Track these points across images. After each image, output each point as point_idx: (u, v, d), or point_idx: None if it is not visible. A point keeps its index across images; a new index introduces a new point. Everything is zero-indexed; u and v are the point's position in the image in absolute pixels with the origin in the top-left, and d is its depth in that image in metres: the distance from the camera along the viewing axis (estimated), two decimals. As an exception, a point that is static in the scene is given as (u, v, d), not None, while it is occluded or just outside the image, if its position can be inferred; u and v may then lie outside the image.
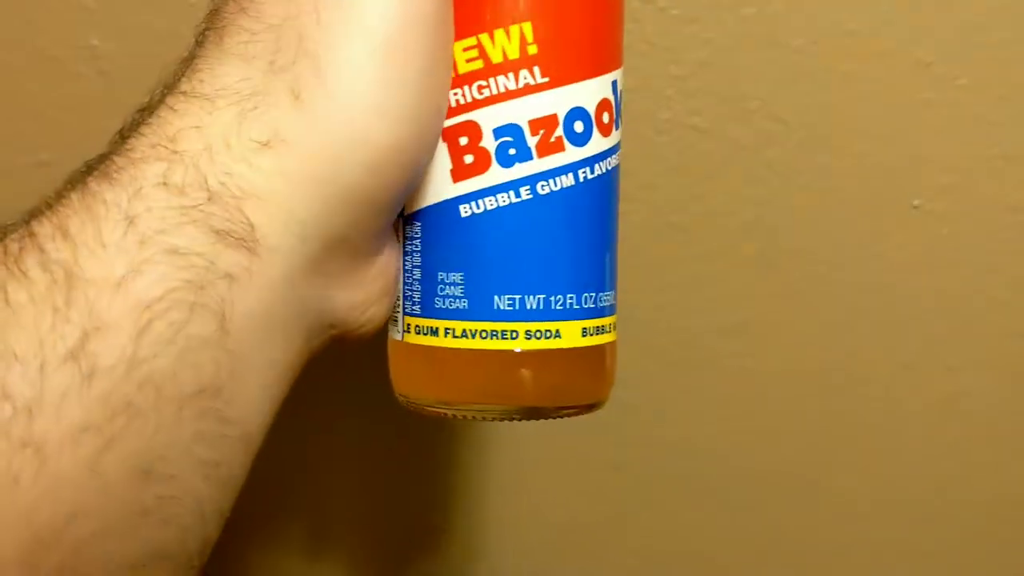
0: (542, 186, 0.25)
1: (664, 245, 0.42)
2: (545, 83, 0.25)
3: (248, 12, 0.21)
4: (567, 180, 0.26)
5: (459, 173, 0.25)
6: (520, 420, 0.26)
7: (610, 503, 0.46)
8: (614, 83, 0.26)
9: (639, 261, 0.42)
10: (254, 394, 0.20)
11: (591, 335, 0.26)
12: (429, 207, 0.26)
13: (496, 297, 0.26)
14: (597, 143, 0.26)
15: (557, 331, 0.26)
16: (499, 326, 0.26)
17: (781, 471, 0.46)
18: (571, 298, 0.26)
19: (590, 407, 0.27)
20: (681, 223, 0.42)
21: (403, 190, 0.23)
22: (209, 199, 0.19)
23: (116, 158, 0.19)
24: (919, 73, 0.40)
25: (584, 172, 0.26)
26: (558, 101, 0.25)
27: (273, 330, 0.20)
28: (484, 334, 0.26)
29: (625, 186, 0.28)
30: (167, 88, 0.21)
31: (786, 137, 0.41)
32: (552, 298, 0.26)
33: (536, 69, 0.25)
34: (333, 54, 0.20)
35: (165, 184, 0.18)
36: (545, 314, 0.26)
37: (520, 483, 0.46)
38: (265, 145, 0.19)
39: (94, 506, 0.17)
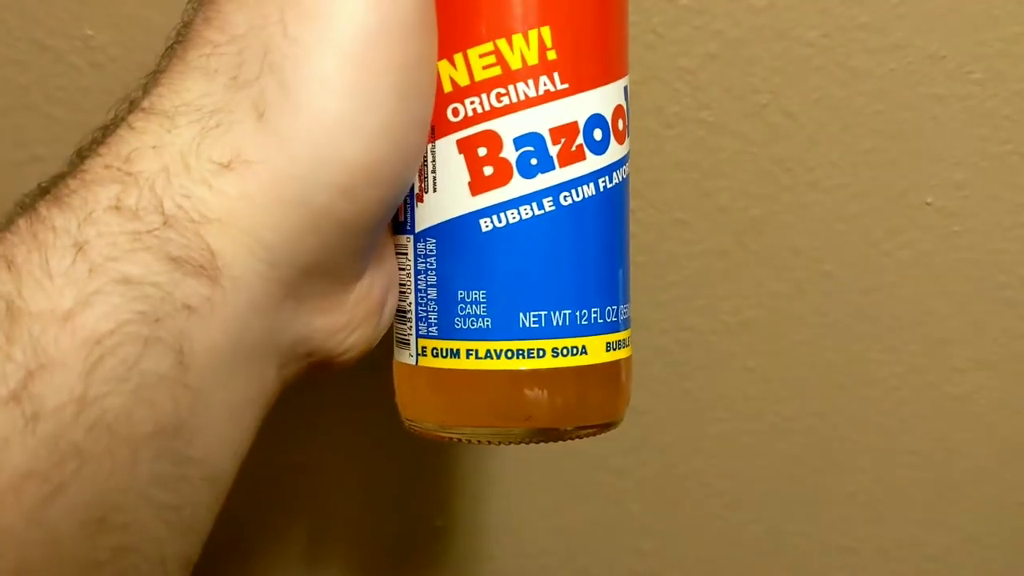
0: (564, 197, 0.25)
1: (670, 242, 0.42)
2: (565, 90, 0.24)
3: (212, 23, 0.20)
4: (589, 190, 0.25)
5: (478, 186, 0.24)
6: (537, 443, 0.26)
7: (611, 504, 0.46)
8: (625, 88, 0.26)
9: (644, 258, 0.41)
10: (219, 431, 0.19)
11: (613, 350, 0.26)
12: (445, 223, 0.24)
13: (522, 314, 0.25)
14: (614, 151, 0.25)
15: (584, 347, 0.25)
16: (526, 344, 0.25)
17: (786, 472, 0.45)
18: (595, 312, 0.25)
19: (607, 426, 0.27)
20: (688, 219, 0.41)
21: (382, 211, 0.21)
22: (165, 223, 0.17)
23: (69, 180, 0.18)
24: (932, 67, 0.40)
25: (604, 181, 0.25)
26: (578, 108, 0.25)
27: (239, 362, 0.19)
28: (511, 354, 0.25)
29: (631, 182, 0.28)
30: (130, 104, 0.20)
31: (796, 132, 0.40)
32: (578, 313, 0.25)
33: (556, 75, 0.24)
34: (300, 68, 0.19)
35: (118, 208, 0.17)
36: (572, 330, 0.25)
37: (520, 484, 0.45)
38: (227, 166, 0.18)
39: (40, 561, 0.16)
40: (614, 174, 0.26)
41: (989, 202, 0.41)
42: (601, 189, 0.25)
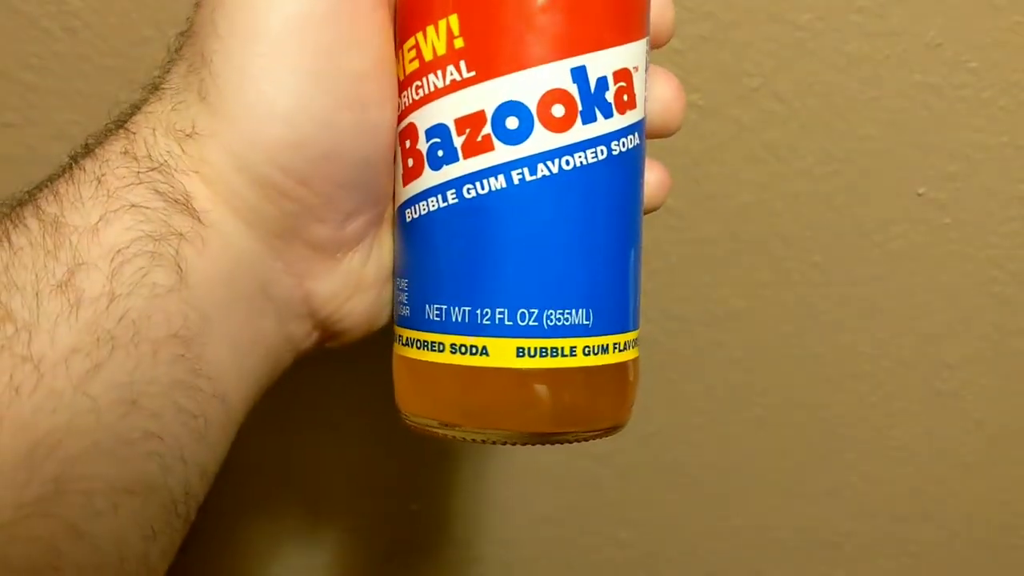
0: (468, 189, 0.24)
1: (656, 229, 0.41)
2: (471, 78, 0.23)
3: (194, 15, 0.23)
4: (497, 182, 0.23)
5: (406, 177, 0.25)
6: (504, 444, 0.25)
7: (592, 493, 0.45)
8: (577, 70, 0.23)
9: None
10: (225, 356, 0.22)
11: (531, 356, 0.24)
12: (396, 211, 0.25)
13: (427, 306, 0.24)
14: (543, 140, 0.23)
15: (484, 348, 0.23)
16: (429, 336, 0.24)
17: (770, 465, 0.45)
18: (502, 313, 0.23)
19: (534, 437, 0.25)
20: (676, 206, 0.41)
21: (329, 186, 0.23)
22: (153, 168, 0.21)
23: (98, 139, 0.22)
24: (928, 55, 0.39)
25: (520, 173, 0.23)
26: (485, 96, 0.23)
27: (236, 299, 0.22)
28: (419, 344, 0.24)
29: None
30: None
31: (788, 118, 0.39)
32: (479, 311, 0.23)
33: (462, 64, 0.23)
34: (224, 60, 0.21)
35: (124, 153, 0.21)
36: (471, 328, 0.24)
37: (500, 471, 0.45)
38: (189, 135, 0.22)
39: (84, 425, 0.19)
40: (543, 164, 0.23)
41: (982, 194, 0.41)
42: (515, 181, 0.23)
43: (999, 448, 0.45)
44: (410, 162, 0.24)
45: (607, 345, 0.24)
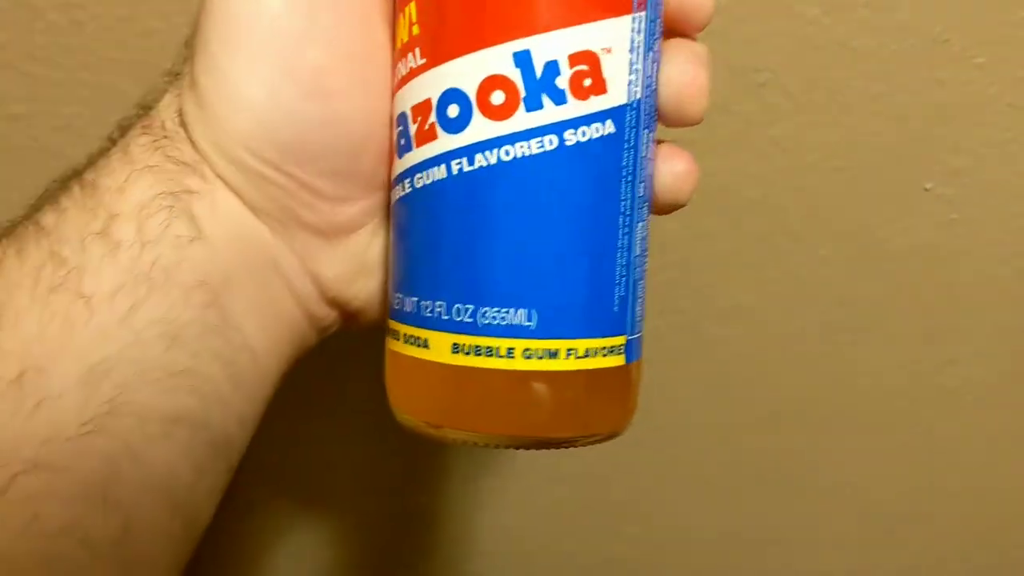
0: (418, 178, 0.23)
1: (661, 222, 0.41)
2: (423, 65, 0.23)
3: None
4: (438, 172, 0.23)
5: (390, 163, 0.25)
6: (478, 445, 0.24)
7: (597, 490, 0.45)
8: (521, 54, 0.22)
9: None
10: (250, 316, 0.24)
11: (465, 354, 0.22)
12: None
13: (393, 294, 0.24)
14: (481, 129, 0.22)
15: (425, 340, 0.23)
16: (392, 324, 0.24)
17: (773, 461, 0.45)
18: (440, 306, 0.23)
19: (504, 439, 0.24)
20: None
21: (308, 174, 0.23)
22: (166, 136, 0.24)
23: (128, 120, 0.25)
24: (936, 50, 0.39)
25: (459, 163, 0.22)
26: (432, 84, 0.22)
27: (251, 266, 0.24)
28: (392, 333, 0.24)
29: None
30: None
31: (795, 113, 0.39)
32: (422, 303, 0.23)
33: (418, 51, 0.23)
34: (198, 57, 0.23)
35: (143, 128, 0.24)
36: (415, 319, 0.23)
37: (503, 467, 0.45)
38: (183, 121, 0.24)
39: (132, 355, 0.21)
40: (481, 155, 0.22)
41: (988, 190, 0.41)
42: (455, 171, 0.22)
43: (1003, 446, 0.45)
44: (390, 151, 0.25)
45: (556, 350, 0.22)
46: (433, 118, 0.22)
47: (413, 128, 0.23)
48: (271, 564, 0.46)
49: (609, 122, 0.22)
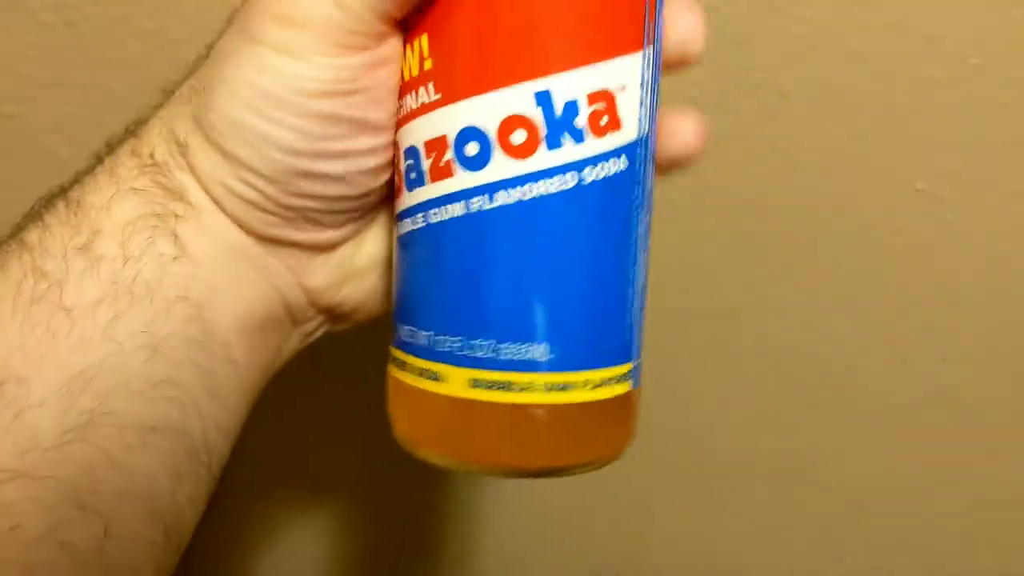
0: (434, 214, 0.23)
1: (655, 222, 0.41)
2: (437, 100, 0.22)
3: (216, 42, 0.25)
4: (456, 209, 0.23)
5: (394, 193, 0.25)
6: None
7: (596, 489, 0.45)
8: (542, 94, 0.22)
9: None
10: (233, 327, 0.24)
11: (484, 388, 0.23)
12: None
13: (401, 326, 0.24)
14: (503, 167, 0.22)
15: (437, 374, 0.23)
16: (401, 356, 0.24)
17: (769, 460, 0.45)
18: (457, 341, 0.23)
19: (510, 470, 0.24)
20: (674, 199, 0.41)
21: (304, 202, 0.24)
22: (154, 164, 0.24)
23: (116, 140, 0.25)
24: (929, 50, 0.39)
25: (479, 201, 0.22)
26: (448, 120, 0.22)
27: (238, 278, 0.24)
28: (396, 363, 0.25)
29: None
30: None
31: (788, 113, 0.39)
32: (439, 337, 0.23)
33: (431, 86, 0.23)
34: (213, 98, 0.23)
35: (131, 152, 0.24)
36: (431, 353, 0.23)
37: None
38: (181, 145, 0.24)
39: (112, 365, 0.22)
40: (500, 193, 0.22)
41: (982, 191, 0.41)
42: (474, 209, 0.22)
43: (999, 444, 0.45)
44: (396, 180, 0.24)
45: (572, 382, 0.23)
46: (450, 155, 0.22)
47: (427, 163, 0.23)
48: (271, 566, 0.46)
49: (624, 158, 0.23)
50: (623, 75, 0.22)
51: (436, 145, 0.23)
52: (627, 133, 0.23)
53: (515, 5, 0.22)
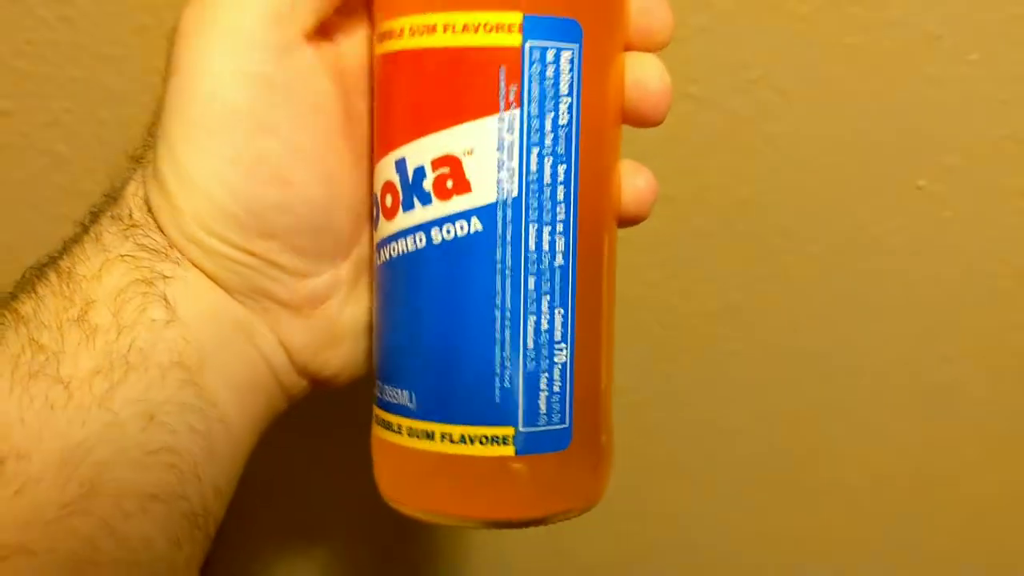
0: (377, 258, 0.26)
1: (653, 220, 0.41)
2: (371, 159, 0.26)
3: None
4: (375, 258, 0.25)
5: None
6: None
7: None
8: (399, 161, 0.24)
9: (624, 237, 0.40)
10: (223, 389, 0.24)
11: (377, 424, 0.25)
12: None
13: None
14: (381, 227, 0.25)
15: (389, 423, 0.25)
16: (377, 411, 0.26)
17: (767, 459, 0.45)
18: (377, 384, 0.26)
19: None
20: (673, 197, 0.40)
21: (274, 251, 0.24)
22: (134, 225, 0.25)
23: (99, 207, 0.26)
24: (928, 47, 0.38)
25: (375, 256, 0.25)
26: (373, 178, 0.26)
27: (225, 340, 0.25)
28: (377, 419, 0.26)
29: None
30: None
31: (786, 110, 0.39)
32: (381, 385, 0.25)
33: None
34: (162, 142, 0.24)
35: (112, 217, 0.25)
36: (379, 402, 0.25)
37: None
38: (149, 207, 0.25)
39: (110, 435, 0.22)
40: (382, 249, 0.25)
41: (982, 188, 0.40)
42: (377, 262, 0.25)
43: (997, 443, 0.45)
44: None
45: (432, 431, 0.24)
46: (374, 210, 0.25)
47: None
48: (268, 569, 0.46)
49: (475, 220, 0.23)
50: (469, 140, 0.23)
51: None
52: (480, 196, 0.23)
53: (382, 84, 0.24)
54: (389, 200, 0.24)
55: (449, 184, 0.23)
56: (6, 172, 0.39)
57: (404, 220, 0.24)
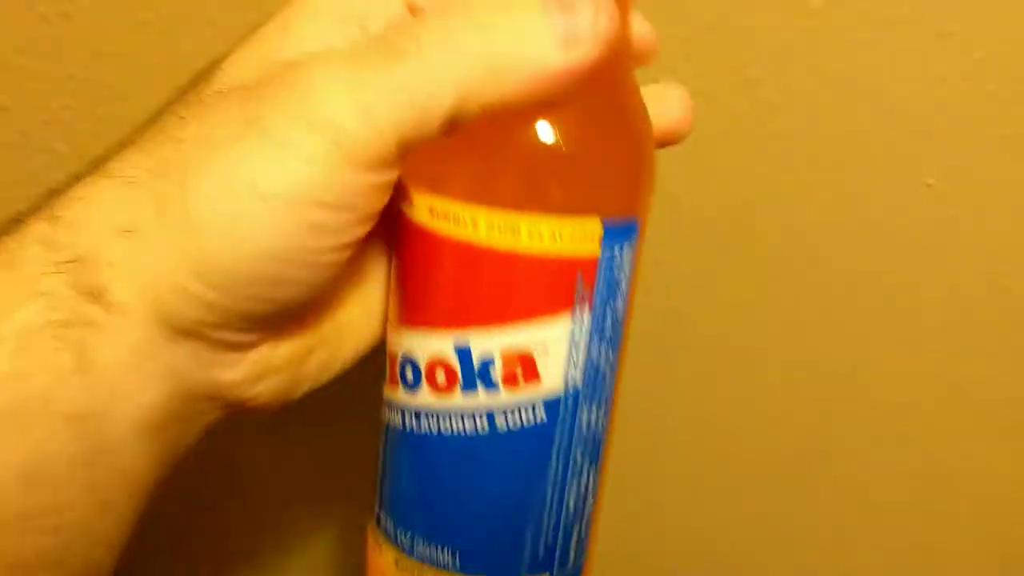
0: (384, 413, 0.27)
1: (658, 219, 0.40)
2: (393, 319, 0.26)
3: (175, 115, 0.23)
4: (396, 419, 0.26)
5: None
6: None
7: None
8: (460, 344, 0.24)
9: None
10: (129, 436, 0.23)
11: (404, 570, 0.26)
12: None
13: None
14: (428, 397, 0.25)
15: (382, 546, 0.27)
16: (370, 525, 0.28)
17: (775, 458, 0.45)
18: (391, 522, 0.27)
19: None
20: (678, 196, 0.40)
21: (224, 308, 0.23)
22: (74, 260, 0.22)
23: (23, 216, 0.23)
24: (936, 45, 0.38)
25: (410, 420, 0.25)
26: (396, 342, 0.26)
27: (143, 383, 0.23)
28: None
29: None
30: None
31: (792, 108, 0.39)
32: (382, 514, 0.27)
33: (392, 304, 0.26)
34: (186, 177, 0.22)
35: (44, 242, 0.22)
36: (379, 525, 0.27)
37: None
38: (127, 232, 0.22)
39: None
40: (425, 419, 0.25)
41: (991, 187, 0.40)
42: (407, 423, 0.25)
43: (1005, 441, 0.44)
44: None
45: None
46: (397, 369, 0.25)
47: (387, 369, 0.26)
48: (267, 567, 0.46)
49: (540, 409, 0.24)
50: (545, 338, 0.24)
51: (391, 358, 0.25)
52: (548, 387, 0.24)
53: (435, 261, 0.24)
54: (441, 376, 0.24)
55: (519, 374, 0.24)
56: (4, 170, 0.39)
57: (463, 401, 0.24)
